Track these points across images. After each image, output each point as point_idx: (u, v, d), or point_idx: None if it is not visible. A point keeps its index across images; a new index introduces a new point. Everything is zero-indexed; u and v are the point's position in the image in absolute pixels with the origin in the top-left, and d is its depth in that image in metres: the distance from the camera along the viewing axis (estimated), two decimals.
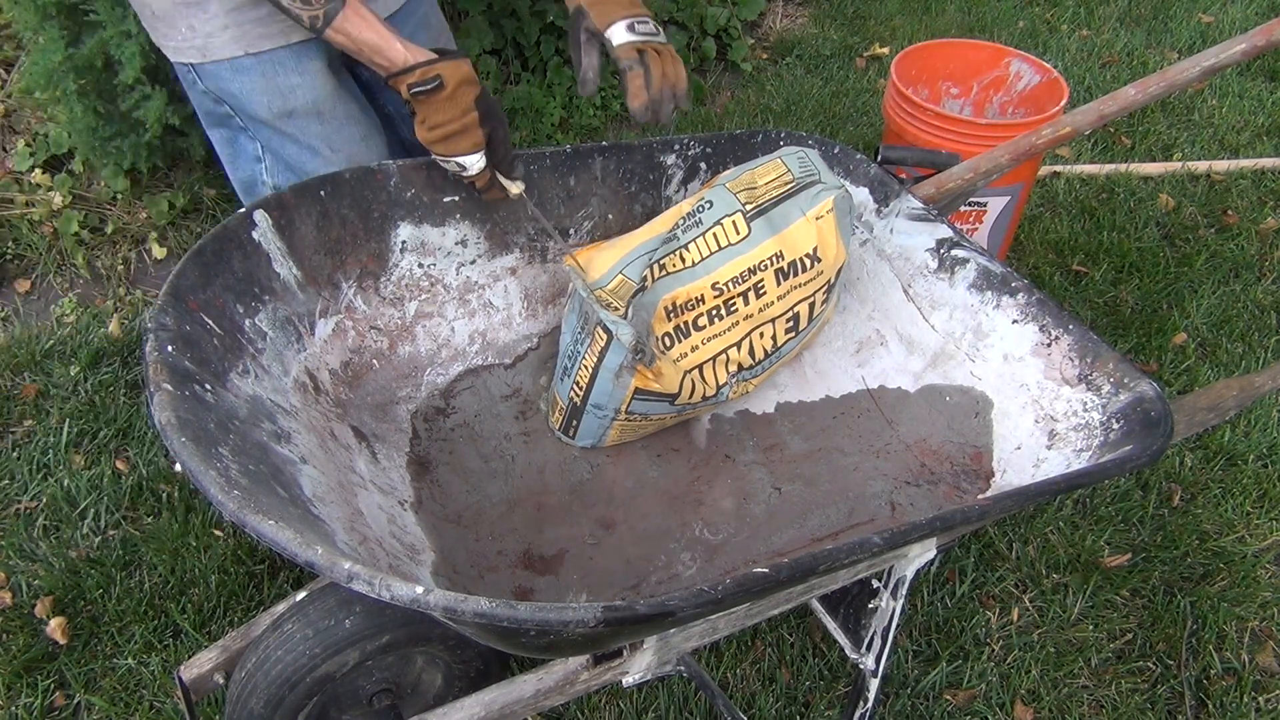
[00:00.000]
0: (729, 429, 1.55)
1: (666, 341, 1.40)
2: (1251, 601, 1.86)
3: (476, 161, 1.36)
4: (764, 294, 1.41)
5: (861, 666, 1.41)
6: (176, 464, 2.05)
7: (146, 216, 2.61)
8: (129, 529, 1.94)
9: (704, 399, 1.45)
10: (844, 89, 3.46)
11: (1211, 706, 1.71)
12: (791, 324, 1.46)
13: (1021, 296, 1.39)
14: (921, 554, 1.25)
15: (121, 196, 2.58)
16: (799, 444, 1.51)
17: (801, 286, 1.43)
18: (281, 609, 1.37)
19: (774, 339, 1.46)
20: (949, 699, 1.71)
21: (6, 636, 1.77)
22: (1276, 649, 1.80)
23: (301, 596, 1.30)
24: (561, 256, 1.57)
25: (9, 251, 2.56)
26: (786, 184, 1.43)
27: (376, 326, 1.47)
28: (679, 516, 1.42)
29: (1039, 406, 1.34)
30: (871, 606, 1.35)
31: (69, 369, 2.29)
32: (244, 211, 1.29)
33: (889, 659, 1.39)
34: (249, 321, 1.25)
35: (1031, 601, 1.86)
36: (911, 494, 1.41)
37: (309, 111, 1.46)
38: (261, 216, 1.30)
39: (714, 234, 1.39)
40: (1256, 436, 2.15)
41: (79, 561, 1.87)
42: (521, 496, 1.43)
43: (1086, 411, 1.27)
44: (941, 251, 1.49)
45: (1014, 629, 1.81)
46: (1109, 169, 2.99)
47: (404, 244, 1.47)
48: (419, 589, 0.83)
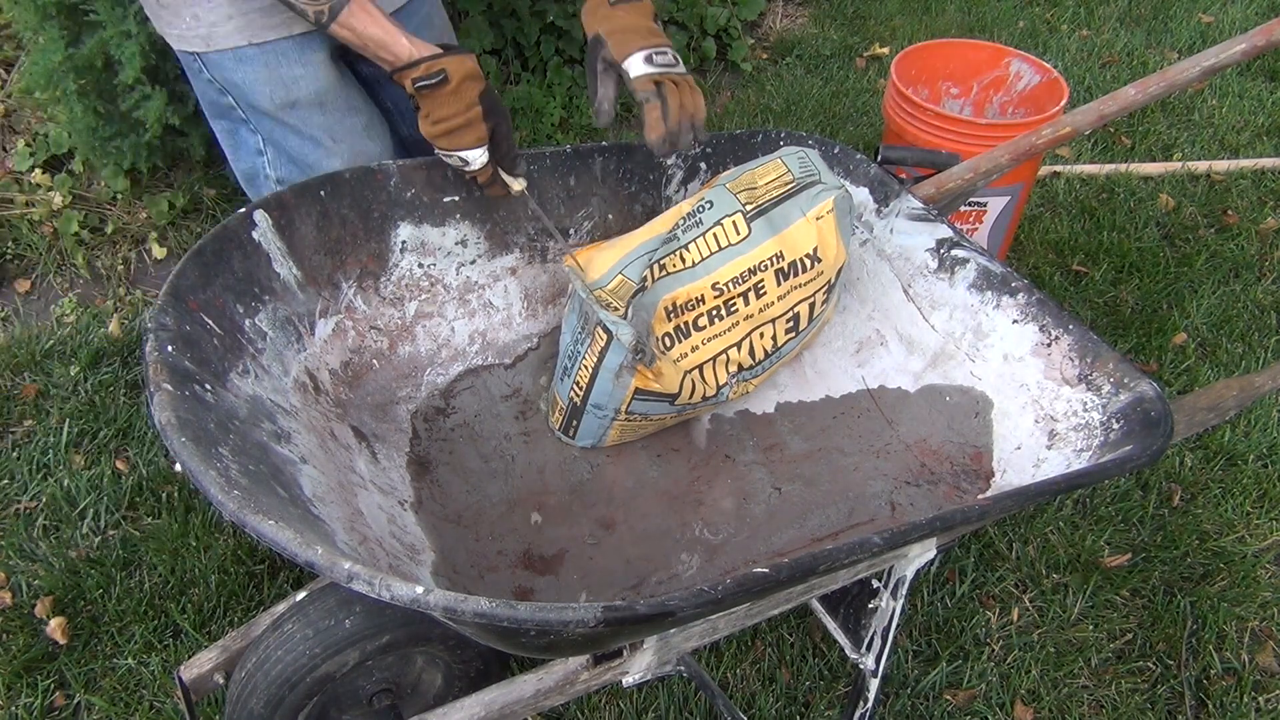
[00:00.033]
0: (729, 429, 1.55)
1: (666, 342, 1.40)
2: (1251, 601, 1.86)
3: (479, 157, 1.37)
4: (764, 294, 1.41)
5: (861, 666, 1.41)
6: (176, 464, 2.05)
7: (146, 216, 2.61)
8: (129, 529, 1.94)
9: (704, 399, 1.45)
10: (844, 89, 3.46)
11: (1211, 706, 1.71)
12: (791, 324, 1.46)
13: (1021, 296, 1.39)
14: (921, 554, 1.25)
15: (121, 196, 2.58)
16: (799, 444, 1.51)
17: (802, 287, 1.43)
18: (281, 609, 1.37)
19: (774, 339, 1.46)
20: (949, 699, 1.71)
21: (6, 636, 1.77)
22: (1276, 649, 1.80)
23: (301, 596, 1.30)
24: (561, 256, 1.57)
25: (9, 251, 2.56)
26: (787, 184, 1.43)
27: (376, 326, 1.47)
28: (679, 516, 1.42)
29: (1039, 406, 1.34)
30: (871, 606, 1.35)
31: (69, 369, 2.29)
32: (244, 212, 1.29)
33: (889, 659, 1.39)
34: (249, 321, 1.25)
35: (1031, 601, 1.86)
36: (911, 494, 1.41)
37: (311, 102, 1.46)
38: (261, 216, 1.30)
39: (714, 234, 1.39)
40: (1256, 436, 2.15)
41: (79, 561, 1.87)
42: (521, 496, 1.43)
43: (1086, 411, 1.27)
44: (941, 251, 1.49)
45: (1014, 629, 1.81)
46: (1109, 169, 2.99)
47: (404, 244, 1.47)
48: (419, 589, 0.83)
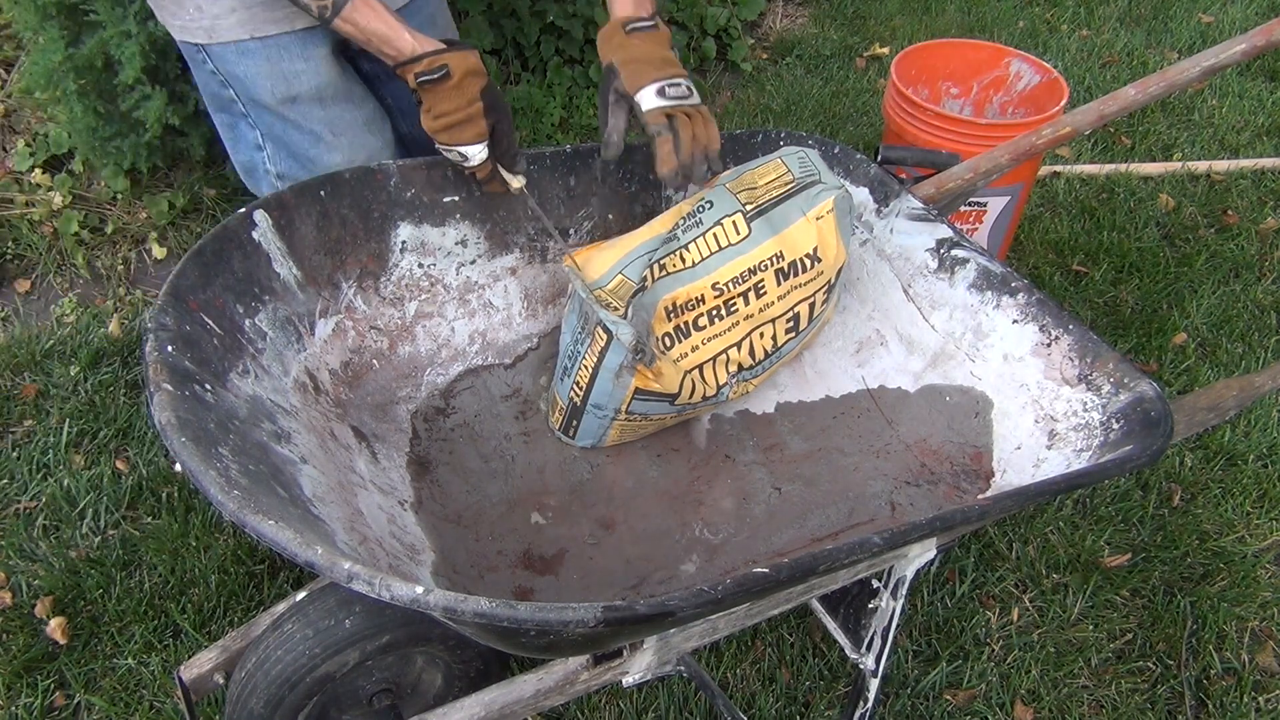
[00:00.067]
0: (729, 429, 1.55)
1: (666, 341, 1.40)
2: (1251, 601, 1.86)
3: (479, 152, 1.37)
4: (764, 294, 1.41)
5: (861, 666, 1.41)
6: (176, 464, 2.05)
7: (146, 216, 2.61)
8: (129, 529, 1.94)
9: (704, 399, 1.45)
10: (844, 89, 3.46)
11: (1211, 706, 1.71)
12: (791, 324, 1.46)
13: (1021, 296, 1.39)
14: (921, 554, 1.25)
15: (121, 196, 2.58)
16: (799, 444, 1.51)
17: (801, 287, 1.43)
18: (281, 609, 1.37)
19: (774, 339, 1.46)
20: (949, 699, 1.71)
21: (6, 636, 1.77)
22: (1276, 649, 1.80)
23: (301, 596, 1.30)
24: (561, 256, 1.57)
25: (9, 251, 2.56)
26: (786, 184, 1.43)
27: (376, 326, 1.47)
28: (679, 516, 1.42)
29: (1039, 406, 1.34)
30: (871, 606, 1.35)
31: (69, 369, 2.29)
32: (244, 212, 1.29)
33: (889, 659, 1.39)
34: (249, 321, 1.25)
35: (1031, 601, 1.86)
36: (911, 494, 1.41)
37: (312, 97, 1.46)
38: (261, 216, 1.30)
39: (714, 234, 1.39)
40: (1256, 436, 2.15)
41: (79, 561, 1.87)
42: (521, 496, 1.43)
43: (1086, 411, 1.27)
44: (941, 251, 1.49)
45: (1014, 629, 1.81)
46: (1109, 169, 2.99)
47: (404, 244, 1.47)
48: (419, 589, 0.83)
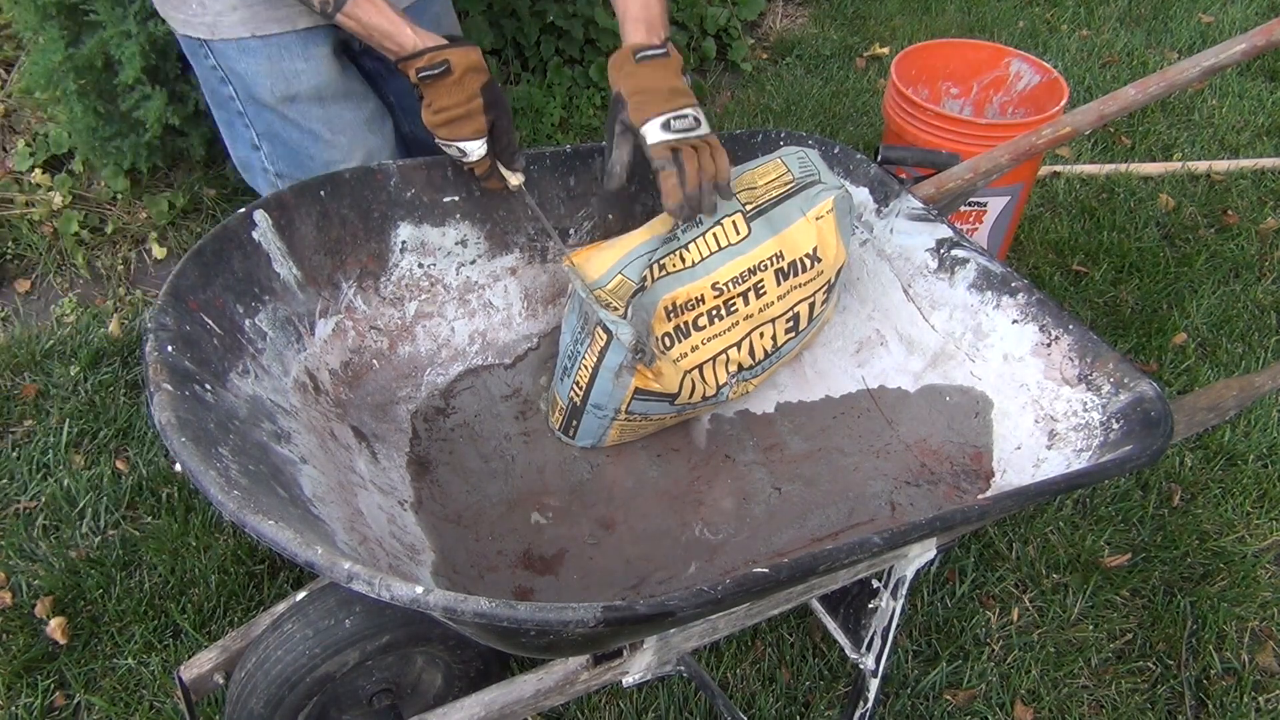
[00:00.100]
0: (729, 429, 1.55)
1: (666, 341, 1.40)
2: (1251, 601, 1.86)
3: (478, 148, 1.37)
4: (764, 294, 1.41)
5: (861, 666, 1.41)
6: (176, 464, 2.05)
7: (146, 216, 2.61)
8: (129, 529, 1.94)
9: (704, 399, 1.45)
10: (844, 89, 3.46)
11: (1211, 706, 1.71)
12: (791, 324, 1.46)
13: (1021, 296, 1.39)
14: (921, 554, 1.25)
15: (121, 196, 2.58)
16: (799, 444, 1.51)
17: (801, 286, 1.43)
18: (281, 609, 1.37)
19: (774, 339, 1.46)
20: (949, 699, 1.71)
21: (6, 636, 1.77)
22: (1276, 649, 1.80)
23: (301, 596, 1.30)
24: (561, 256, 1.57)
25: (9, 251, 2.56)
26: (786, 184, 1.43)
27: (376, 326, 1.47)
28: (679, 516, 1.42)
29: (1039, 406, 1.34)
30: (871, 606, 1.35)
31: (69, 369, 2.29)
32: (244, 212, 1.29)
33: (889, 659, 1.39)
34: (249, 321, 1.25)
35: (1031, 601, 1.86)
36: (911, 494, 1.41)
37: (311, 97, 1.47)
38: (261, 216, 1.30)
39: (714, 234, 1.39)
40: (1256, 436, 2.15)
41: (79, 561, 1.87)
42: (521, 496, 1.43)
43: (1086, 411, 1.27)
44: (941, 251, 1.49)
45: (1014, 629, 1.81)
46: (1109, 169, 2.99)
47: (404, 244, 1.47)
48: (419, 589, 0.83)
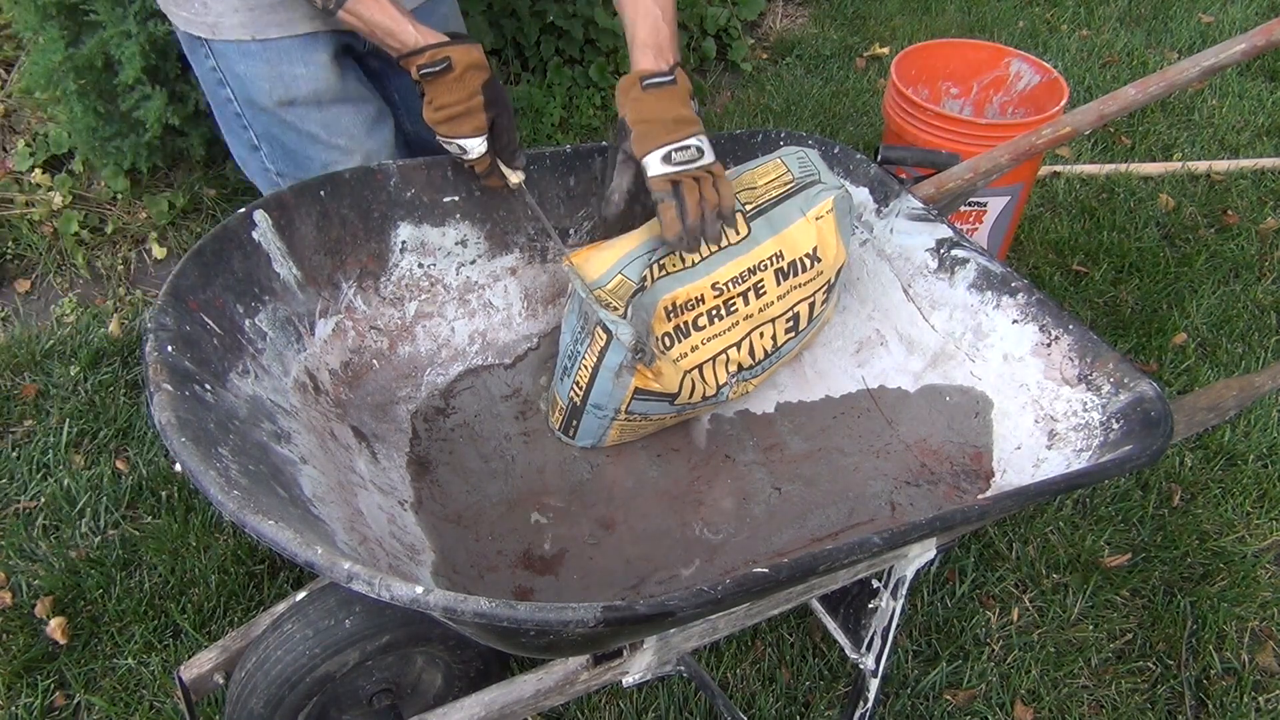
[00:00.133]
0: (729, 429, 1.55)
1: (666, 341, 1.40)
2: (1251, 601, 1.86)
3: (478, 146, 1.37)
4: (764, 294, 1.41)
5: (861, 666, 1.41)
6: (176, 464, 2.05)
7: (146, 216, 2.61)
8: (129, 529, 1.94)
9: (704, 399, 1.45)
10: (844, 89, 3.46)
11: (1211, 706, 1.71)
12: (791, 324, 1.46)
13: (1021, 296, 1.39)
14: (921, 554, 1.25)
15: (121, 196, 2.58)
16: (799, 444, 1.51)
17: (801, 286, 1.43)
18: (281, 609, 1.37)
19: (774, 339, 1.46)
20: (949, 699, 1.71)
21: (6, 636, 1.77)
22: (1276, 649, 1.80)
23: (301, 596, 1.30)
24: (561, 256, 1.57)
25: (9, 251, 2.56)
26: (786, 184, 1.43)
27: (376, 326, 1.47)
28: (679, 516, 1.42)
29: (1039, 406, 1.34)
30: (871, 606, 1.35)
31: (69, 369, 2.29)
32: (244, 212, 1.29)
33: (889, 659, 1.39)
34: (249, 321, 1.25)
35: (1031, 601, 1.86)
36: (911, 494, 1.41)
37: (309, 101, 1.47)
38: (261, 216, 1.30)
39: None
40: (1256, 436, 2.15)
41: (79, 561, 1.87)
42: (521, 496, 1.43)
43: (1086, 411, 1.27)
44: (941, 251, 1.49)
45: (1014, 629, 1.81)
46: (1109, 169, 2.99)
47: (404, 244, 1.47)
48: (419, 589, 0.83)
